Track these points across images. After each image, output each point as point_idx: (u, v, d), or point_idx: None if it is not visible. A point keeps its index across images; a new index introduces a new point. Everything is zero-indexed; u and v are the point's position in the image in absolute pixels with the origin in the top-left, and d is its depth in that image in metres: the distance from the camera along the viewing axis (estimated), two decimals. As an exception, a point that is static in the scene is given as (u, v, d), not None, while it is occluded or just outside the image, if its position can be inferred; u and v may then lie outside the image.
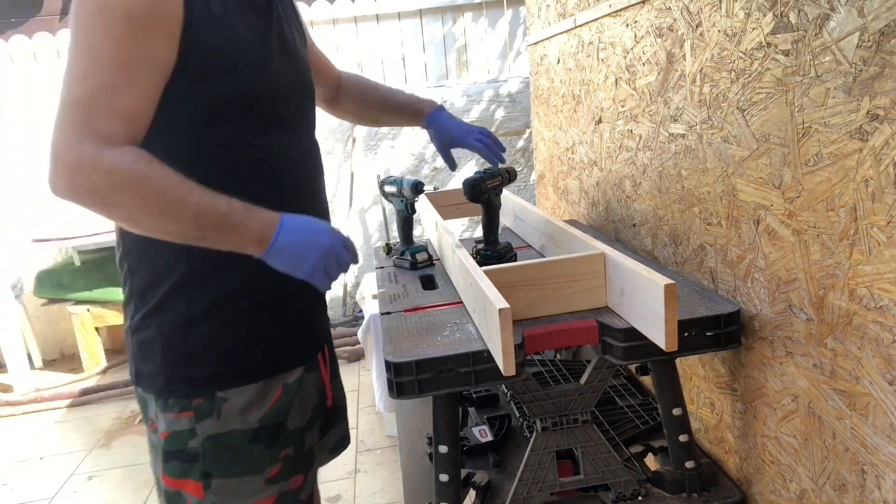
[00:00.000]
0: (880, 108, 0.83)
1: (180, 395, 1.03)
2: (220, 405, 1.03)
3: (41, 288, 3.56)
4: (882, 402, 0.89)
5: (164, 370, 1.03)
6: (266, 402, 1.06)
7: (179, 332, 1.02)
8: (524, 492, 1.21)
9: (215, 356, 1.03)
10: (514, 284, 1.17)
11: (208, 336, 1.03)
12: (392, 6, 3.83)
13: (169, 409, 1.04)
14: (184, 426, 1.03)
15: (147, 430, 1.10)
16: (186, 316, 1.02)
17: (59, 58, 3.78)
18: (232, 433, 1.04)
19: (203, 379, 1.03)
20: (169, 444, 1.04)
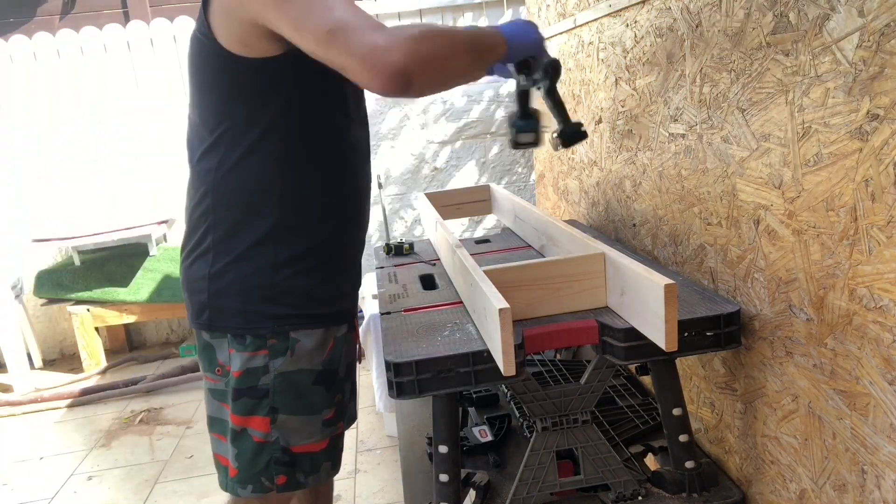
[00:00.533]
0: (880, 108, 0.83)
1: (258, 333, 1.12)
2: (293, 345, 1.13)
3: (41, 288, 3.56)
4: (882, 402, 0.89)
5: (244, 310, 1.13)
6: (325, 349, 1.17)
7: (264, 275, 1.12)
8: (524, 492, 1.21)
9: (293, 299, 1.13)
10: (515, 284, 1.16)
11: (290, 280, 1.13)
12: (392, 6, 3.82)
13: (245, 348, 1.13)
14: (258, 363, 1.13)
15: (209, 378, 1.19)
16: (273, 261, 1.12)
17: (59, 58, 3.77)
18: (300, 372, 1.14)
19: (282, 317, 1.12)
20: (241, 382, 1.13)
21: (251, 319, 1.13)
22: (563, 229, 1.42)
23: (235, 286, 1.13)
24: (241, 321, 1.13)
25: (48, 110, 3.79)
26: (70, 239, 3.61)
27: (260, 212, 1.12)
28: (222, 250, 1.14)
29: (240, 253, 1.13)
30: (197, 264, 1.17)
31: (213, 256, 1.15)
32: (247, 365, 1.13)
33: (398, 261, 1.75)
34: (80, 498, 2.45)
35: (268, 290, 1.12)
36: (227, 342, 1.15)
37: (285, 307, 1.13)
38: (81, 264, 3.58)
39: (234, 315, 1.13)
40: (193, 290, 1.18)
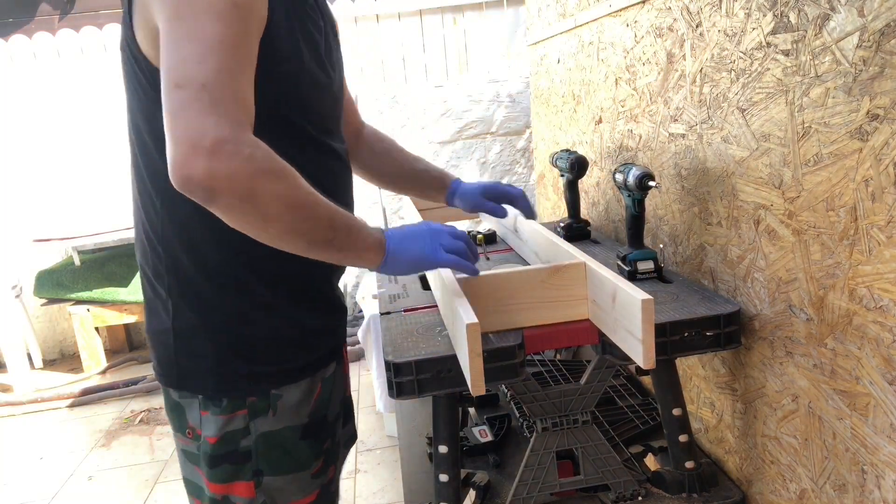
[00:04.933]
0: (880, 108, 0.83)
1: (236, 395, 0.99)
2: (275, 402, 1.01)
3: (41, 288, 3.56)
4: (882, 402, 0.89)
5: (218, 369, 0.99)
6: (312, 398, 1.05)
7: (235, 328, 0.98)
8: (524, 492, 1.21)
9: (273, 352, 1.01)
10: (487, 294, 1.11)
11: (266, 330, 1.00)
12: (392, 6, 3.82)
13: (222, 411, 0.99)
14: (237, 425, 1.00)
15: (180, 439, 1.04)
16: (241, 310, 0.98)
17: (59, 58, 3.77)
18: (285, 430, 1.02)
19: (261, 376, 1.00)
20: (218, 448, 1.00)
21: (227, 380, 0.99)
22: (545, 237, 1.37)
23: (204, 343, 0.98)
24: (216, 383, 0.99)
25: (48, 110, 3.79)
26: (70, 239, 3.61)
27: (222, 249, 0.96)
28: (180, 300, 0.99)
29: (203, 302, 0.98)
30: (156, 315, 1.02)
31: (172, 307, 0.99)
32: (224, 429, 0.99)
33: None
34: (80, 498, 2.45)
35: (242, 344, 0.99)
36: (199, 403, 1.00)
37: (264, 364, 1.00)
38: (81, 264, 3.58)
39: (205, 375, 0.99)
40: (157, 342, 1.03)
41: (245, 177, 0.77)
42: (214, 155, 0.75)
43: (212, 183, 0.76)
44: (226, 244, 0.94)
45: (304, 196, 0.83)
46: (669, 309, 1.16)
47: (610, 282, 1.02)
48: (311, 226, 0.85)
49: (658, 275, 1.34)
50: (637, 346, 0.95)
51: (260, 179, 0.78)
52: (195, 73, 0.78)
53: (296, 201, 0.82)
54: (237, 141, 0.77)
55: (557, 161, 1.76)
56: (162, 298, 1.00)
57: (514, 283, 1.11)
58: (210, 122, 0.76)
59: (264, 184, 0.79)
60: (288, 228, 0.84)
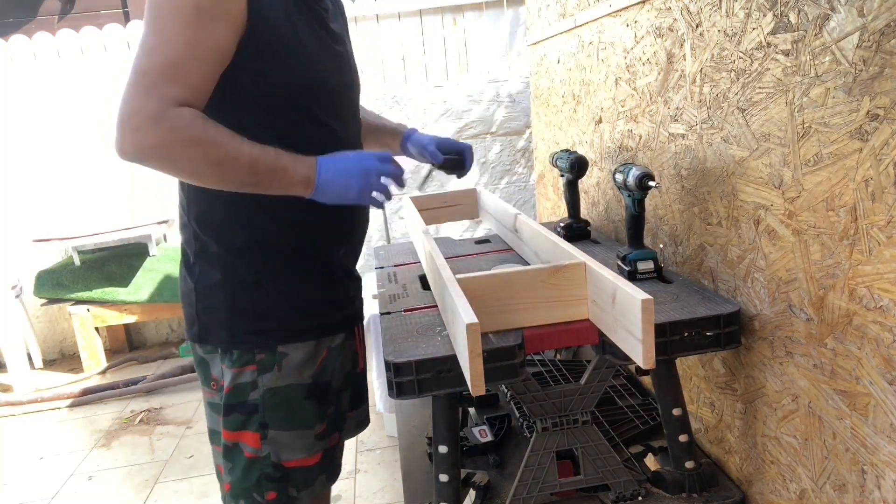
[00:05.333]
0: (880, 108, 0.83)
1: (245, 348, 1.11)
2: (280, 359, 1.12)
3: (41, 288, 3.56)
4: (882, 402, 0.89)
5: (232, 324, 1.11)
6: (316, 361, 1.15)
7: (248, 290, 1.12)
8: (524, 492, 1.21)
9: (280, 313, 1.12)
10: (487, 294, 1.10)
11: (274, 295, 1.12)
12: (392, 6, 3.82)
13: (234, 363, 1.11)
14: (246, 379, 1.11)
15: (206, 392, 1.19)
16: (255, 276, 1.11)
17: (59, 58, 3.77)
18: (290, 387, 1.13)
19: (268, 332, 1.11)
20: (231, 398, 1.12)
21: (237, 335, 1.12)
22: (545, 237, 1.37)
23: (221, 301, 1.12)
24: (228, 336, 1.12)
25: (48, 110, 3.79)
26: (70, 239, 3.61)
27: (237, 224, 1.11)
28: (204, 264, 1.13)
29: (221, 267, 1.12)
30: (185, 276, 1.17)
31: (197, 270, 1.14)
32: (236, 381, 1.12)
33: (398, 260, 1.75)
34: (80, 498, 2.45)
35: (253, 304, 1.12)
36: (219, 357, 1.14)
37: (272, 321, 1.12)
38: (81, 264, 3.58)
39: (221, 330, 1.13)
40: (185, 302, 1.18)
41: (166, 146, 0.93)
42: (139, 130, 0.92)
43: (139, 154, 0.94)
44: (239, 220, 1.10)
45: (221, 154, 0.97)
46: (669, 309, 1.16)
47: (610, 282, 1.02)
48: (235, 175, 0.99)
49: (658, 275, 1.34)
50: (637, 346, 0.95)
51: (179, 147, 0.94)
52: (143, 62, 0.94)
53: (214, 159, 0.97)
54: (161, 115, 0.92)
55: (557, 161, 1.76)
56: (189, 263, 1.15)
57: (514, 283, 1.11)
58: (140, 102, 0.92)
59: (184, 149, 0.95)
60: (216, 181, 1.01)
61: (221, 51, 0.99)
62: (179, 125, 0.93)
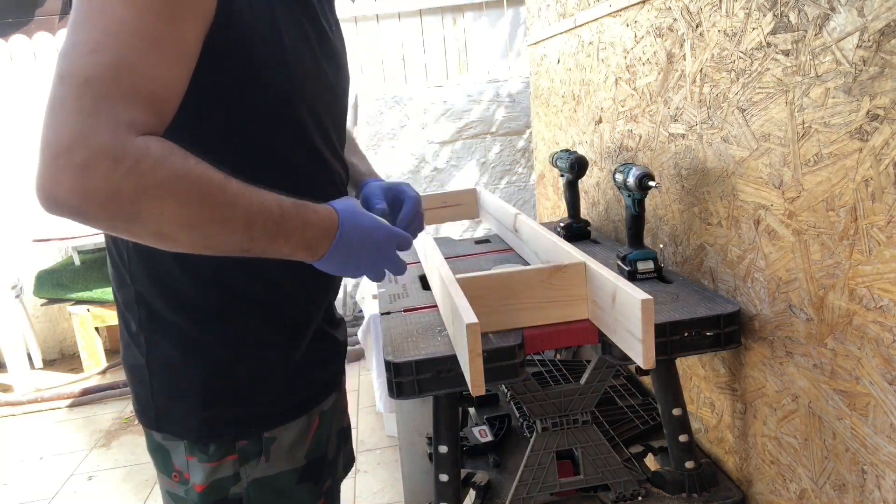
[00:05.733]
0: (880, 108, 0.83)
1: (223, 440, 0.88)
2: (268, 446, 0.90)
3: (41, 288, 3.56)
4: (882, 402, 0.89)
5: (201, 412, 0.87)
6: (308, 436, 0.95)
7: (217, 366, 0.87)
8: (524, 492, 1.21)
9: (266, 392, 0.89)
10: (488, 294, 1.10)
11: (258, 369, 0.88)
12: (392, 6, 3.82)
13: (209, 457, 0.88)
14: (226, 472, 0.89)
15: (165, 481, 0.93)
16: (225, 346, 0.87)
17: (59, 58, 3.78)
18: (280, 475, 0.92)
19: (250, 419, 0.88)
20: (207, 497, 0.89)
21: (212, 426, 0.87)
22: (545, 237, 1.36)
23: (183, 382, 0.87)
24: (199, 426, 0.88)
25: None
26: (70, 239, 3.61)
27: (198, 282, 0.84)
28: (154, 335, 0.87)
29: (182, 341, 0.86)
30: (129, 345, 0.90)
31: (144, 341, 0.87)
32: (212, 477, 0.89)
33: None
34: (80, 498, 2.45)
35: (225, 384, 0.87)
36: (185, 446, 0.89)
37: (253, 406, 0.89)
38: (81, 264, 3.58)
39: (188, 418, 0.87)
40: (132, 378, 0.92)
41: (127, 197, 0.61)
42: (86, 170, 0.59)
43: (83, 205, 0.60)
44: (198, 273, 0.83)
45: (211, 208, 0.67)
46: (669, 309, 1.16)
47: (610, 282, 1.01)
48: (223, 240, 0.70)
49: (658, 275, 1.34)
50: (637, 346, 0.95)
51: (146, 199, 0.62)
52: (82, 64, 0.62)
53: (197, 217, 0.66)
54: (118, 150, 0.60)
55: (557, 161, 1.76)
56: (132, 332, 0.89)
57: (514, 283, 1.11)
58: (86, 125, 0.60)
59: (151, 203, 0.62)
60: (189, 244, 0.69)
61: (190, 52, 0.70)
62: (144, 167, 0.61)
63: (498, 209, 1.80)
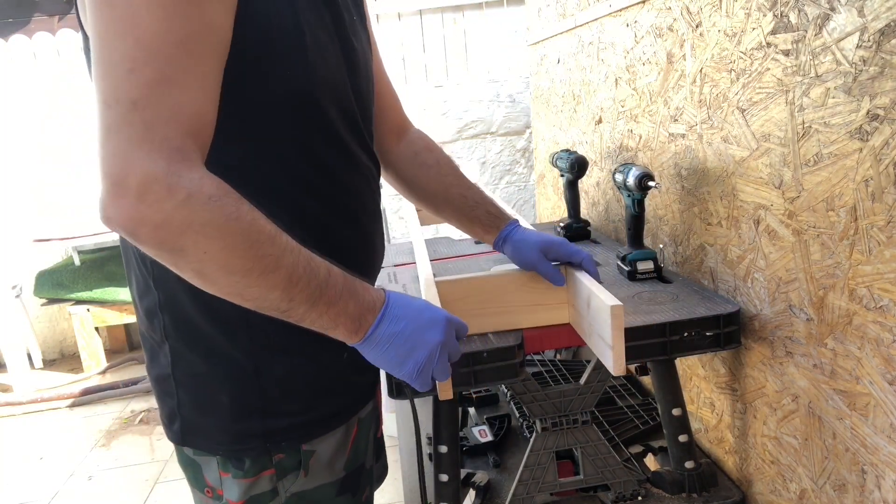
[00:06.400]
0: (880, 108, 0.83)
1: (258, 453, 0.83)
2: (307, 459, 0.86)
3: (41, 288, 3.56)
4: (882, 402, 0.89)
5: (233, 426, 0.83)
6: (347, 446, 0.90)
7: (247, 378, 0.82)
8: (524, 492, 1.21)
9: (296, 404, 0.84)
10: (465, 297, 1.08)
11: (285, 379, 0.84)
12: (392, 6, 3.82)
13: (245, 473, 0.84)
14: (264, 487, 0.85)
15: (198, 496, 0.90)
16: (253, 355, 0.82)
17: (59, 57, 3.77)
18: (320, 488, 0.88)
19: (286, 431, 0.84)
20: None
21: (245, 439, 0.83)
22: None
23: (214, 395, 0.83)
24: (232, 442, 0.83)
25: (48, 110, 3.79)
26: (70, 239, 3.61)
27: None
28: (180, 344, 0.83)
29: (206, 347, 0.82)
30: (154, 357, 0.87)
31: (170, 351, 0.84)
32: (249, 493, 0.85)
33: (398, 260, 1.75)
34: (80, 498, 2.45)
35: (258, 397, 0.83)
36: (218, 461, 0.85)
37: (286, 417, 0.84)
38: (81, 264, 3.58)
39: (218, 433, 0.84)
40: (160, 390, 0.88)
41: (175, 229, 0.62)
42: (141, 198, 0.61)
43: (135, 230, 0.62)
44: None
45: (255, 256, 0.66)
46: (669, 309, 1.16)
47: (585, 286, 1.00)
48: (260, 292, 0.68)
49: (658, 275, 1.34)
50: (607, 353, 0.93)
51: (192, 234, 0.62)
52: (124, 86, 0.62)
53: (240, 263, 0.65)
54: (172, 179, 0.61)
55: (557, 161, 1.76)
56: (157, 341, 0.85)
57: (494, 287, 1.10)
58: (139, 154, 0.61)
59: (198, 240, 0.63)
60: (227, 293, 0.68)
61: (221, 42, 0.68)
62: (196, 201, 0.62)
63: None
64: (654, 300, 1.21)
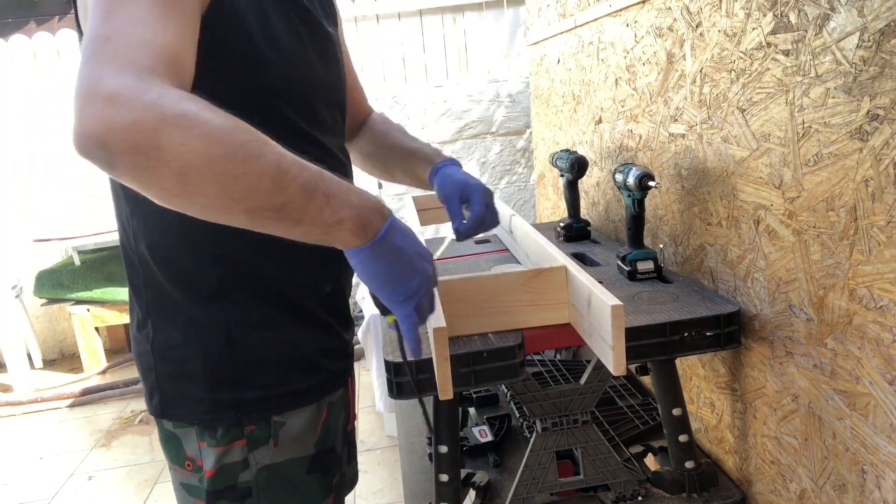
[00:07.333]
0: (880, 108, 0.83)
1: (230, 423, 0.87)
2: (276, 430, 0.88)
3: (41, 288, 3.56)
4: (882, 402, 0.89)
5: (208, 395, 0.86)
6: (318, 426, 0.93)
7: (221, 348, 0.85)
8: (524, 492, 1.21)
9: (268, 376, 0.87)
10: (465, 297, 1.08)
11: (257, 350, 0.87)
12: (392, 6, 3.82)
13: (217, 441, 0.87)
14: (235, 457, 0.87)
15: (179, 472, 0.92)
16: (228, 328, 0.85)
17: (59, 57, 3.77)
18: (289, 462, 0.90)
19: (259, 400, 0.87)
20: (216, 483, 0.88)
21: (219, 406, 0.86)
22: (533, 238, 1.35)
23: (189, 365, 0.86)
24: (207, 409, 0.86)
25: (48, 110, 3.79)
26: (70, 239, 3.61)
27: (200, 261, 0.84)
28: (160, 318, 0.87)
29: (183, 319, 0.85)
30: (137, 332, 0.91)
31: (151, 326, 0.87)
32: (221, 461, 0.87)
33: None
34: (80, 498, 2.45)
35: (230, 367, 0.86)
36: (196, 432, 0.88)
37: (257, 389, 0.87)
38: (81, 264, 3.58)
39: (195, 403, 0.87)
40: (141, 367, 0.91)
41: (148, 124, 0.58)
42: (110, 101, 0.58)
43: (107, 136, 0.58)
44: (202, 251, 0.82)
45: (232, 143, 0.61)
46: (669, 309, 1.16)
47: (585, 286, 1.00)
48: (249, 186, 0.62)
49: (658, 275, 1.34)
50: (608, 353, 0.93)
51: (167, 128, 0.58)
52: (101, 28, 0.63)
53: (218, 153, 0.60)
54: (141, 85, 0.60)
55: (557, 161, 1.76)
56: (140, 319, 0.89)
57: (493, 287, 1.09)
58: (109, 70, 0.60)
59: (172, 133, 0.58)
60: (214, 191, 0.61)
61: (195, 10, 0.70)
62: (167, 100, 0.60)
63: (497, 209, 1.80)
64: (654, 300, 1.21)
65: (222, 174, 0.61)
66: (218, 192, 0.62)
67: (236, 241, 0.79)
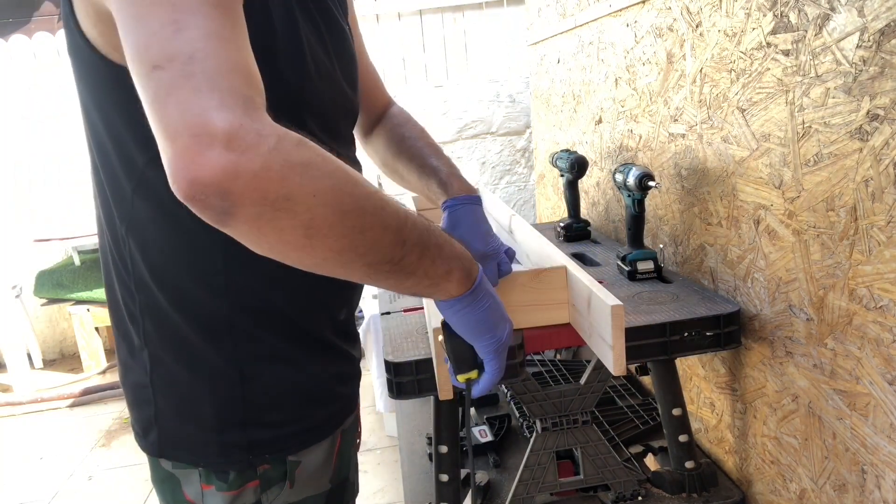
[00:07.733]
0: (880, 108, 0.83)
1: (242, 465, 0.79)
2: (292, 470, 0.82)
3: (41, 288, 3.55)
4: (882, 402, 0.89)
5: (218, 436, 0.78)
6: (332, 458, 0.87)
7: (234, 384, 0.78)
8: (524, 492, 1.21)
9: (281, 414, 0.80)
10: None
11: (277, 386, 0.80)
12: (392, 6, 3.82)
13: (229, 486, 0.79)
14: (248, 500, 0.80)
15: None
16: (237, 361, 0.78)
17: (59, 57, 3.78)
18: (305, 501, 0.84)
19: (270, 441, 0.80)
20: None
21: (229, 451, 0.79)
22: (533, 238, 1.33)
23: (196, 403, 0.78)
24: (216, 452, 0.79)
25: (48, 110, 3.79)
26: (70, 239, 3.61)
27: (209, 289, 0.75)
28: (161, 350, 0.78)
29: (188, 353, 0.77)
30: (130, 365, 0.81)
31: (149, 358, 0.78)
32: None
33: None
34: (80, 498, 2.45)
35: (243, 407, 0.78)
36: (200, 473, 0.80)
37: (272, 428, 0.79)
38: (81, 264, 3.58)
39: (201, 444, 0.79)
40: (135, 399, 0.82)
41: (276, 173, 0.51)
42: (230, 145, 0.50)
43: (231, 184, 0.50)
44: (209, 279, 0.75)
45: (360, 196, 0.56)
46: (669, 309, 1.16)
47: (585, 286, 1.00)
48: (374, 237, 0.58)
49: (658, 275, 1.34)
50: (608, 353, 0.93)
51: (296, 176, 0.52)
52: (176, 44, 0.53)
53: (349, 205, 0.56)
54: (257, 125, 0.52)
55: (557, 161, 1.76)
56: (136, 346, 0.80)
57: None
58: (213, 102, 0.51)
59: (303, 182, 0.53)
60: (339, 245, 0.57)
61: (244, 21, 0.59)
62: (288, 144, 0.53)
63: (496, 209, 1.81)
64: (654, 300, 1.21)
65: (352, 228, 0.56)
66: (343, 246, 0.57)
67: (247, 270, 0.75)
